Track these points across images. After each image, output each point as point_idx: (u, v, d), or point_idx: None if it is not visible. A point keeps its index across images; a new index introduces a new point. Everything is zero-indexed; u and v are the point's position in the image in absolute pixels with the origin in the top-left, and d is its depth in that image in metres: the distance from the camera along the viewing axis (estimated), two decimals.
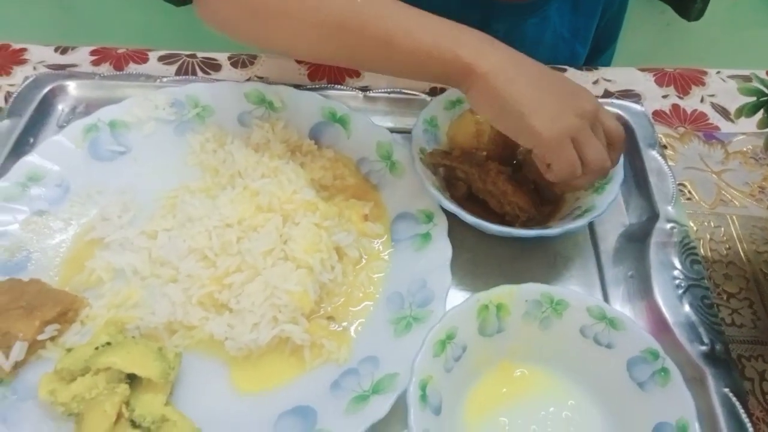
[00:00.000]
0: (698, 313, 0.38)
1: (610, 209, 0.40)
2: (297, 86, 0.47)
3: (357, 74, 0.53)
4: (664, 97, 0.53)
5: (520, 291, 0.35)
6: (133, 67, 0.52)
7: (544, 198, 0.43)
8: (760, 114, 0.35)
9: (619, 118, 0.48)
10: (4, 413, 0.32)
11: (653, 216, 0.42)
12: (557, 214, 0.42)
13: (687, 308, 0.38)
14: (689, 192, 0.46)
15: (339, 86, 0.49)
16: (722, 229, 0.45)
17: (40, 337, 0.35)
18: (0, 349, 0.33)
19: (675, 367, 0.33)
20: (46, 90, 0.48)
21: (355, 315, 0.38)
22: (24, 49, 0.54)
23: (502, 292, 0.35)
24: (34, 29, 0.94)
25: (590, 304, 0.35)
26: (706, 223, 0.45)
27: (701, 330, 0.37)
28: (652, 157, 0.46)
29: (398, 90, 0.49)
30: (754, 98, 0.34)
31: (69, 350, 0.35)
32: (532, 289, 0.36)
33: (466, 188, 0.42)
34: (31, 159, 0.42)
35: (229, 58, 0.53)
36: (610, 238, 0.43)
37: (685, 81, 0.54)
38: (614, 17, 0.63)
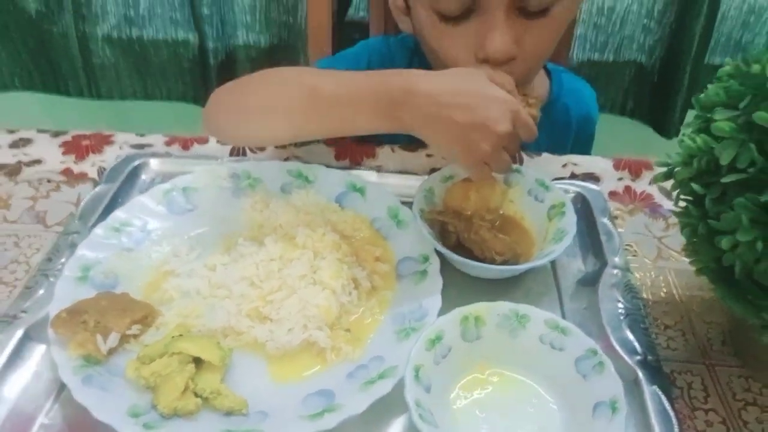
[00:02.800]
0: (635, 333, 0.48)
1: (567, 255, 0.52)
2: (326, 165, 0.61)
3: (372, 155, 0.67)
4: (619, 179, 0.66)
5: (493, 306, 0.46)
6: (197, 148, 0.67)
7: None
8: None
9: (578, 195, 0.61)
10: (102, 384, 0.43)
11: (603, 264, 0.54)
12: (527, 260, 0.54)
13: (627, 331, 0.48)
14: (634, 250, 0.58)
15: (358, 166, 0.64)
16: (661, 278, 0.56)
17: (128, 332, 0.46)
18: (101, 336, 0.44)
19: (609, 360, 0.43)
20: (132, 165, 0.63)
21: (366, 328, 0.49)
22: (112, 135, 0.70)
23: (480, 307, 0.46)
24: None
25: (546, 318, 0.46)
26: (648, 274, 0.56)
27: (636, 345, 0.47)
28: (603, 223, 0.58)
29: (404, 171, 0.63)
30: (664, 168, 0.47)
31: (147, 345, 0.46)
32: (503, 306, 0.47)
33: (455, 239, 0.54)
34: (122, 211, 0.56)
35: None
36: (569, 280, 0.54)
37: (637, 166, 0.67)
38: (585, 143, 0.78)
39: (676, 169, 0.43)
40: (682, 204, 0.44)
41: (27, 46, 1.28)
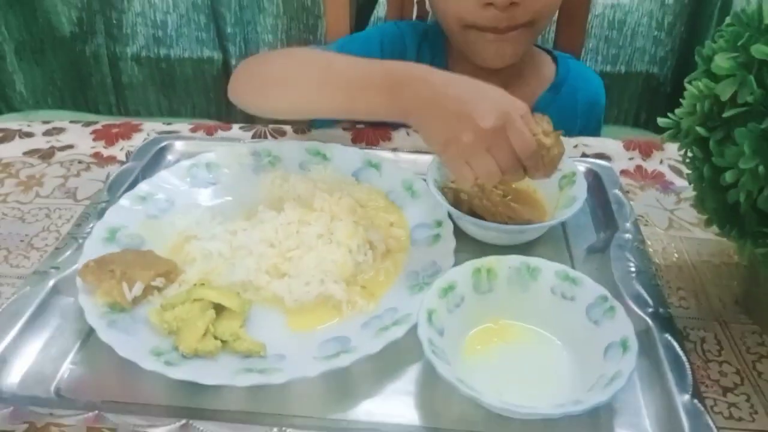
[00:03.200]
0: (646, 289, 0.49)
1: (579, 224, 0.54)
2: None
3: (388, 138, 0.69)
4: (630, 159, 0.67)
5: (505, 259, 0.48)
6: (220, 133, 0.70)
7: None
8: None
9: (590, 170, 0.62)
10: (127, 329, 0.45)
11: (615, 230, 0.55)
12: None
13: (638, 286, 0.49)
14: (646, 220, 0.59)
15: (374, 146, 0.66)
16: (673, 245, 0.56)
17: (152, 284, 0.48)
18: (127, 285, 0.46)
19: (619, 305, 0.43)
20: (159, 146, 0.66)
21: (381, 285, 0.50)
22: (140, 123, 0.73)
23: (491, 260, 0.47)
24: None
25: (557, 269, 0.47)
26: (659, 241, 0.57)
27: (648, 299, 0.48)
28: (615, 194, 0.59)
29: (418, 150, 0.65)
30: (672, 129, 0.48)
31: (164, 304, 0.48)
32: (514, 259, 0.48)
33: (468, 206, 0.55)
34: (147, 184, 0.58)
35: (293, 127, 0.71)
36: (580, 246, 0.55)
37: (647, 146, 0.69)
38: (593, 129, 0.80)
39: (681, 120, 0.45)
40: (690, 156, 0.45)
41: (60, 66, 1.34)
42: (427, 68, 0.53)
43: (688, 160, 0.46)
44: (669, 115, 0.47)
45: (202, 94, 1.35)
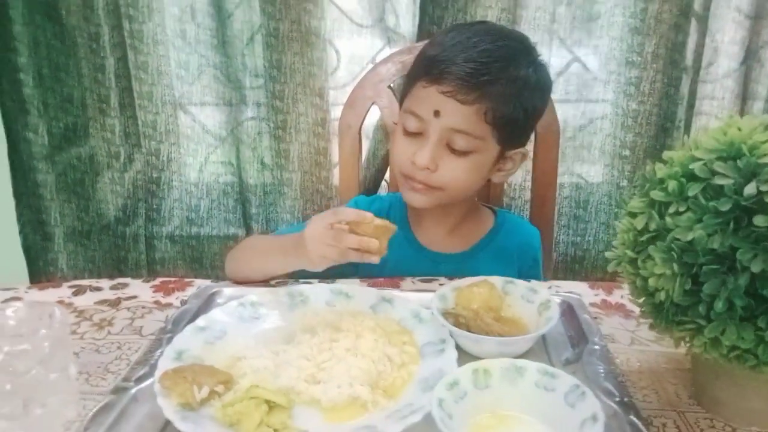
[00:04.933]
0: (613, 385, 0.60)
1: (557, 342, 0.67)
2: None
3: (398, 286, 0.84)
4: (596, 295, 0.82)
5: (498, 361, 0.60)
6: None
7: None
8: None
9: (563, 301, 0.76)
10: (196, 421, 0.55)
11: (586, 343, 0.68)
12: None
13: (606, 383, 0.61)
14: (612, 339, 0.72)
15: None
16: (635, 356, 0.69)
17: (215, 389, 0.59)
18: (197, 387, 0.58)
19: (589, 390, 0.55)
20: (211, 291, 0.81)
21: (398, 388, 0.62)
22: (193, 280, 0.88)
23: (486, 362, 0.60)
24: None
25: (538, 367, 0.59)
26: (624, 353, 0.69)
27: (615, 391, 0.59)
28: (585, 318, 0.73)
29: (421, 290, 0.80)
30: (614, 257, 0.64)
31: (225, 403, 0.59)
32: (505, 360, 0.60)
33: (465, 327, 0.69)
34: (204, 319, 0.72)
35: (319, 279, 0.86)
36: (558, 358, 0.67)
37: (609, 286, 0.83)
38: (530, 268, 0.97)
39: (617, 251, 0.60)
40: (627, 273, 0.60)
41: (102, 247, 1.52)
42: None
43: (627, 278, 0.61)
44: (612, 249, 0.63)
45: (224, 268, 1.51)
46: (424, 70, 0.84)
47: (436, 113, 0.82)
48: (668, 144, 1.27)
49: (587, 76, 1.28)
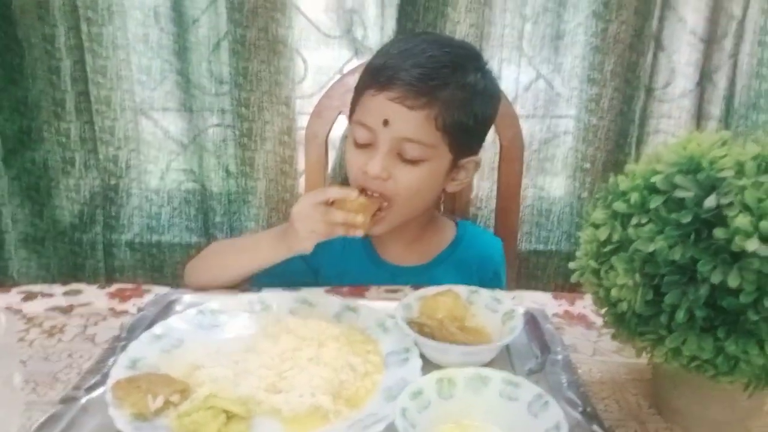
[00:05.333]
0: (576, 394, 0.61)
1: (520, 353, 0.67)
2: None
3: (363, 295, 0.83)
4: (559, 305, 0.82)
5: (462, 370, 0.59)
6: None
7: None
8: None
9: (527, 312, 0.77)
10: None
11: (548, 352, 0.68)
12: None
13: (569, 393, 0.61)
14: (574, 349, 0.72)
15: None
16: (597, 366, 0.69)
17: (170, 399, 0.57)
18: (151, 397, 0.56)
19: (552, 399, 0.55)
20: (170, 298, 0.78)
21: (361, 398, 0.61)
22: (151, 288, 0.85)
23: (451, 371, 0.59)
24: None
25: (503, 376, 0.59)
26: (587, 364, 0.69)
27: (578, 401, 0.59)
28: (547, 328, 0.73)
29: (386, 299, 0.79)
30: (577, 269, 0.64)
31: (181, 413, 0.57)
32: (469, 370, 0.59)
33: (429, 337, 0.68)
34: (161, 327, 0.69)
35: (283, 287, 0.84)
36: (521, 367, 0.67)
37: (572, 297, 0.84)
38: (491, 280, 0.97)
39: (580, 261, 0.61)
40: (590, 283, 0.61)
41: (57, 254, 1.46)
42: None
43: (590, 288, 0.61)
44: (575, 260, 0.63)
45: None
46: (372, 79, 0.84)
47: (385, 122, 0.82)
48: (622, 159, 1.30)
49: (551, 92, 1.30)
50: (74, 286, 0.86)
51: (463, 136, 0.85)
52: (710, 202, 0.50)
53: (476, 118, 0.85)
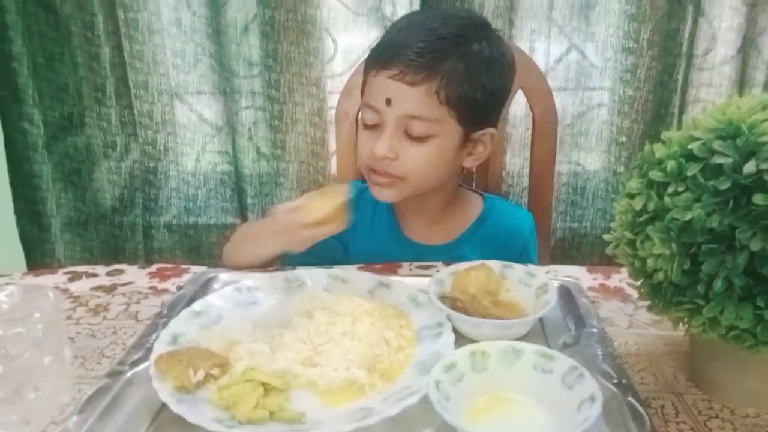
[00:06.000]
0: (611, 367, 0.60)
1: (555, 326, 0.67)
2: None
3: (395, 272, 0.84)
4: (594, 279, 0.81)
5: (495, 343, 0.59)
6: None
7: None
8: None
9: (561, 285, 0.76)
10: (192, 404, 0.55)
11: (584, 326, 0.67)
12: None
13: (604, 365, 0.60)
14: (610, 322, 0.71)
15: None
16: (633, 339, 0.68)
17: (210, 372, 0.59)
18: (192, 370, 0.58)
19: (586, 371, 0.55)
20: (207, 277, 0.80)
21: (395, 372, 0.61)
22: (189, 267, 0.88)
23: (484, 344, 0.59)
24: None
25: (536, 349, 0.59)
26: (622, 336, 0.69)
27: (613, 373, 0.59)
28: (582, 302, 0.72)
29: (418, 275, 0.79)
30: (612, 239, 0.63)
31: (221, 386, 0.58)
32: (502, 343, 0.60)
33: (463, 311, 0.68)
34: (199, 304, 0.71)
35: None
36: (556, 341, 0.67)
37: (607, 270, 0.83)
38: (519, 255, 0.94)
39: (615, 233, 0.60)
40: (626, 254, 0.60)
41: (99, 236, 1.51)
42: None
43: (626, 259, 0.60)
44: (610, 232, 0.63)
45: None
46: (375, 58, 0.84)
47: (388, 101, 0.81)
48: (663, 130, 1.26)
49: (585, 63, 1.27)
50: (117, 266, 0.89)
51: (472, 108, 0.83)
52: (750, 167, 0.48)
53: (484, 88, 0.82)
